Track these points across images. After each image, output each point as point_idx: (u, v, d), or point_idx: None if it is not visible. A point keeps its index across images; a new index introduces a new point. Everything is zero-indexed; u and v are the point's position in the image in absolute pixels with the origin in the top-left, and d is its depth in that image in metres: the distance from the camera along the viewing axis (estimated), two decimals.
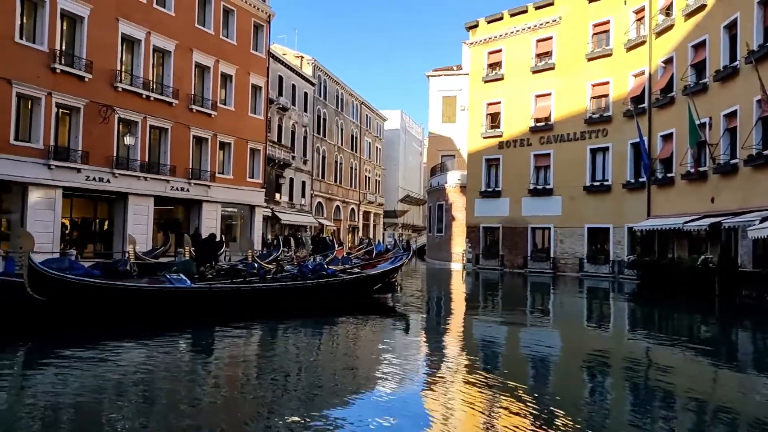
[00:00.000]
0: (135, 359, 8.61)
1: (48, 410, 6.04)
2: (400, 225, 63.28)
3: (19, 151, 18.26)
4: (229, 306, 12.29)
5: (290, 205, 37.85)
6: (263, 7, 29.57)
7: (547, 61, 30.64)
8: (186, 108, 24.76)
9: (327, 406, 6.35)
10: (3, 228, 19.16)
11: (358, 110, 52.16)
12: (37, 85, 18.76)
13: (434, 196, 40.39)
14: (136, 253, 17.46)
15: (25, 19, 18.82)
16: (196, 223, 25.40)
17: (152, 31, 23.11)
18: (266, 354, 9.60)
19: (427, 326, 13.34)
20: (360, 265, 19.06)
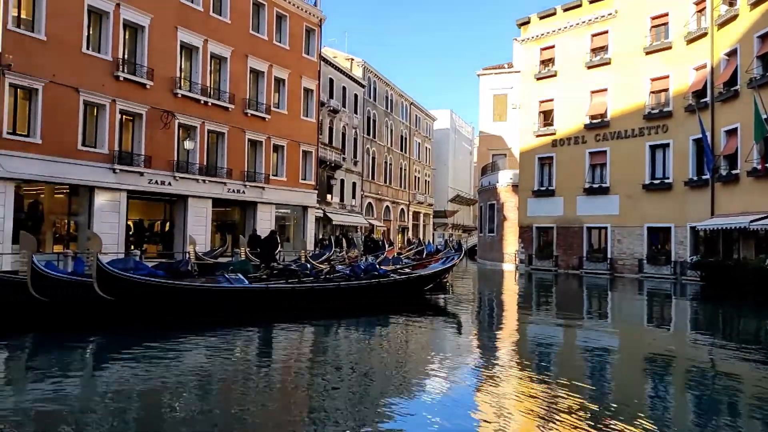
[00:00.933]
0: (195, 356, 8.94)
1: (113, 402, 6.36)
2: (450, 225, 62.90)
3: (86, 156, 19.23)
4: (285, 305, 12.56)
5: (341, 206, 38.28)
6: (314, 11, 30.05)
7: (603, 56, 29.81)
8: (241, 112, 25.46)
9: (378, 407, 6.40)
10: (72, 230, 20.23)
11: (408, 111, 52.21)
12: (103, 93, 19.71)
13: (485, 196, 39.96)
14: (196, 254, 18.12)
15: (91, 30, 19.80)
16: (252, 224, 26.06)
17: (209, 39, 23.88)
18: (319, 353, 9.77)
19: (479, 327, 13.24)
20: (411, 266, 19.10)
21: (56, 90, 18.20)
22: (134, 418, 5.90)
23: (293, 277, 13.91)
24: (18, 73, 17.14)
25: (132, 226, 22.32)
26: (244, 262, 16.04)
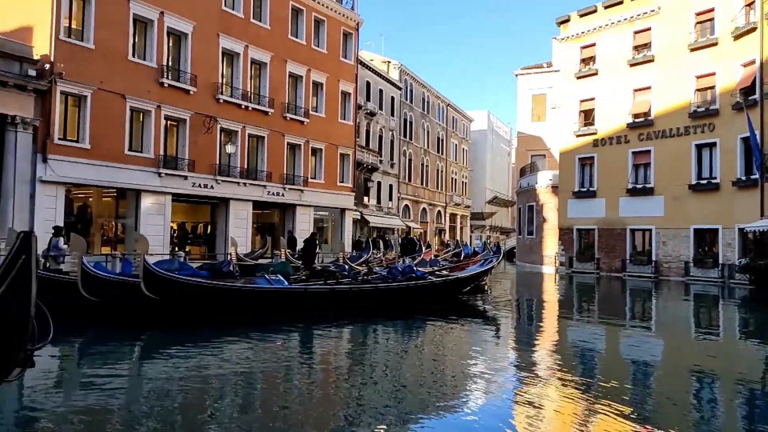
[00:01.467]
0: (237, 355, 9.14)
1: (158, 398, 6.57)
2: (488, 227, 62.31)
3: (132, 160, 19.88)
4: (323, 306, 12.70)
5: (378, 208, 38.42)
6: (352, 15, 30.29)
7: (646, 54, 29.08)
8: (281, 116, 25.87)
9: (416, 410, 6.41)
10: (119, 232, 20.94)
11: (444, 112, 52.02)
12: (148, 99, 20.35)
13: (524, 197, 39.46)
14: (238, 255, 18.49)
15: (137, 38, 20.47)
16: (291, 227, 26.44)
17: (250, 45, 24.36)
18: (357, 354, 9.84)
19: (518, 330, 13.09)
20: (448, 268, 19.03)
21: (104, 96, 18.88)
22: (177, 416, 6.08)
23: (331, 278, 14.06)
24: (68, 81, 17.86)
25: (176, 228, 22.94)
26: (284, 263, 16.29)
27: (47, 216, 17.38)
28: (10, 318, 2.71)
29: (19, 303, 2.72)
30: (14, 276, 2.69)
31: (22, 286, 2.72)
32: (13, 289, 2.69)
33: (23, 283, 2.72)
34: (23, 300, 2.71)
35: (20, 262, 2.69)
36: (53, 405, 5.82)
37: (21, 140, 16.98)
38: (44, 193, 17.38)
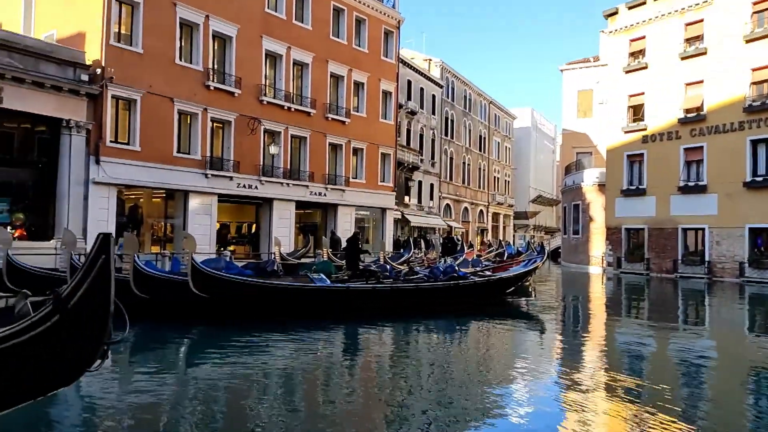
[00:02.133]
0: (280, 353, 9.24)
1: (204, 394, 6.68)
2: (532, 226, 61.29)
3: (180, 162, 20.40)
4: (365, 305, 12.71)
5: (419, 208, 38.30)
6: (393, 13, 30.27)
7: (698, 46, 27.98)
8: (322, 117, 26.07)
9: (459, 411, 6.30)
10: (168, 231, 21.54)
11: (487, 110, 51.43)
12: (195, 102, 20.83)
13: (569, 196, 38.60)
14: (282, 254, 18.74)
15: (183, 42, 20.98)
16: (333, 226, 26.64)
17: (292, 46, 24.64)
18: (399, 354, 9.79)
19: (564, 332, 12.78)
20: (491, 268, 18.78)
21: (153, 100, 19.43)
22: (222, 413, 6.17)
23: (373, 277, 14.06)
24: (119, 85, 18.46)
25: (221, 228, 23.44)
26: (326, 262, 16.42)
27: (100, 216, 18.02)
28: (94, 314, 2.98)
29: (100, 300, 2.99)
30: (95, 275, 2.95)
31: (103, 285, 2.98)
32: (95, 288, 2.95)
33: (103, 282, 2.98)
34: (104, 297, 2.97)
35: (100, 262, 2.95)
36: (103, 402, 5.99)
37: (75, 143, 17.64)
38: (97, 194, 18.02)
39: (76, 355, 3.17)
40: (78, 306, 3.01)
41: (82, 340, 3.10)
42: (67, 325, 3.01)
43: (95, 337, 3.10)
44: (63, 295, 2.99)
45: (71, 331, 3.02)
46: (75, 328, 3.02)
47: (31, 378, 3.19)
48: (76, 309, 3.00)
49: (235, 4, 22.31)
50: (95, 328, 3.07)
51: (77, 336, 3.06)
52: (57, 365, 3.19)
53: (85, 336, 3.08)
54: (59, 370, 3.24)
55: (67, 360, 3.19)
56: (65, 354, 3.14)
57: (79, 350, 3.16)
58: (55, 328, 3.00)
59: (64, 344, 3.08)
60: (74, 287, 3.05)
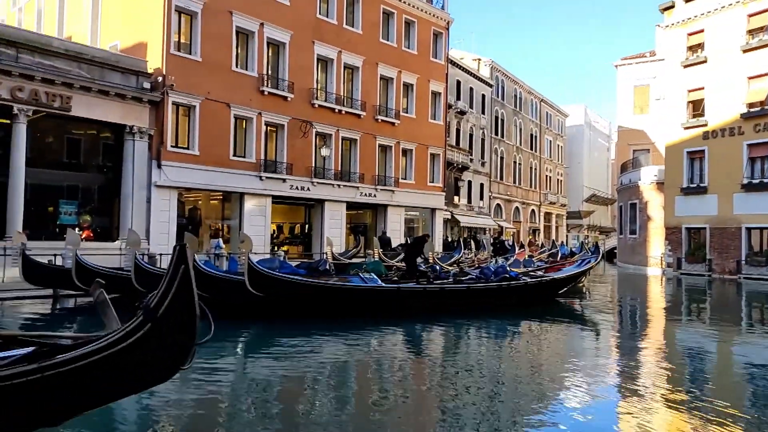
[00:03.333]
0: (332, 350, 9.46)
1: (260, 389, 6.95)
2: (586, 226, 59.79)
3: (236, 165, 21.09)
4: (415, 305, 12.80)
5: (469, 208, 38.07)
6: (442, 14, 30.26)
7: (762, 38, 26.65)
8: (372, 118, 26.37)
9: (511, 414, 6.29)
10: (225, 232, 22.30)
11: (538, 108, 50.57)
12: (250, 107, 21.50)
13: (625, 195, 37.49)
14: (333, 254, 19.08)
15: (239, 50, 21.68)
16: (383, 227, 26.88)
17: (343, 50, 25.05)
18: (450, 354, 9.83)
19: (620, 335, 12.50)
20: (543, 268, 18.52)
21: (210, 106, 20.19)
22: (276, 410, 6.40)
23: (423, 278, 14.13)
24: (179, 92, 19.27)
25: (275, 229, 24.06)
26: (377, 262, 16.59)
27: (162, 218, 18.87)
28: (181, 320, 3.37)
29: (185, 307, 3.35)
30: (178, 285, 3.30)
31: (186, 292, 3.34)
32: (179, 296, 3.32)
33: (186, 290, 3.34)
34: (189, 304, 3.33)
35: (181, 272, 3.30)
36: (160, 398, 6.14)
37: (138, 148, 18.55)
38: (159, 196, 18.88)
39: (169, 356, 3.56)
40: (166, 314, 3.35)
41: (173, 343, 3.46)
42: (158, 332, 3.36)
43: (185, 339, 3.46)
44: (151, 305, 3.34)
45: (162, 336, 3.38)
46: (165, 334, 3.38)
47: (131, 378, 3.63)
48: (164, 317, 3.35)
49: (289, 11, 22.88)
50: (184, 332, 3.43)
51: (168, 340, 3.42)
52: (153, 366, 3.60)
53: (175, 340, 3.44)
54: (155, 370, 3.66)
55: (161, 361, 3.59)
56: (159, 356, 3.53)
57: (171, 352, 3.54)
58: (147, 335, 3.37)
59: (158, 348, 3.45)
60: (161, 297, 3.38)
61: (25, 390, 3.56)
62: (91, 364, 3.47)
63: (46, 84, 16.28)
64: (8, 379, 3.49)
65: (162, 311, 3.38)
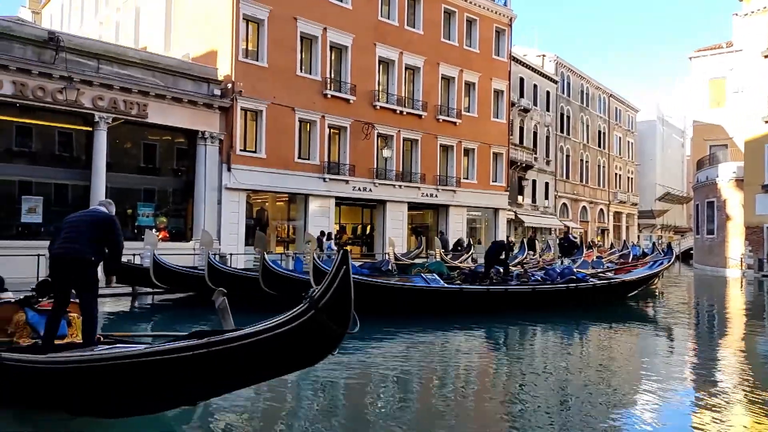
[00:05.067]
0: (394, 350, 9.52)
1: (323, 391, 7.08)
2: (659, 226, 57.19)
3: (301, 167, 21.62)
4: (478, 306, 12.69)
5: (533, 207, 37.29)
6: (505, 11, 29.81)
7: None
8: (433, 118, 26.33)
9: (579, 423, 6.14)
10: (291, 233, 22.90)
11: (606, 104, 48.85)
12: (314, 110, 21.98)
13: (702, 193, 35.61)
14: (395, 254, 19.22)
15: (303, 54, 22.21)
16: (444, 227, 26.79)
17: (404, 51, 25.16)
18: (514, 357, 9.68)
19: (696, 341, 11.90)
20: (613, 270, 17.91)
21: (276, 110, 20.79)
22: (340, 410, 6.53)
23: (486, 279, 13.99)
24: (247, 97, 19.96)
25: (338, 229, 24.47)
26: (439, 263, 16.58)
27: (232, 219, 19.63)
28: (338, 311, 3.93)
29: (342, 301, 3.93)
30: (339, 281, 3.87)
31: (345, 289, 3.90)
32: (339, 291, 3.88)
33: (345, 287, 3.90)
34: (346, 298, 3.92)
35: (342, 271, 3.88)
36: None
37: (209, 152, 19.36)
38: (229, 198, 19.63)
39: (323, 342, 4.16)
40: (326, 305, 3.90)
41: (329, 331, 4.02)
42: (318, 320, 3.92)
43: (339, 329, 4.00)
44: (315, 296, 3.91)
45: (321, 324, 3.94)
46: (324, 322, 3.93)
47: (286, 359, 4.32)
48: (325, 307, 3.89)
49: (351, 14, 23.22)
50: (339, 321, 3.96)
51: (325, 328, 3.97)
52: (307, 350, 4.23)
53: (331, 328, 3.99)
54: (309, 354, 4.30)
55: (315, 346, 4.20)
56: (315, 341, 4.12)
57: (325, 339, 4.11)
58: (308, 322, 3.94)
59: (315, 334, 4.03)
60: (323, 290, 3.93)
61: (188, 366, 4.15)
62: (255, 343, 4.02)
63: (124, 93, 17.26)
64: (177, 352, 4.14)
65: (323, 302, 3.89)
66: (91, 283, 5.49)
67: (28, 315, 5.81)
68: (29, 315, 5.82)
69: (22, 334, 5.71)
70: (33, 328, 5.75)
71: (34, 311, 5.86)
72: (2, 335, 5.72)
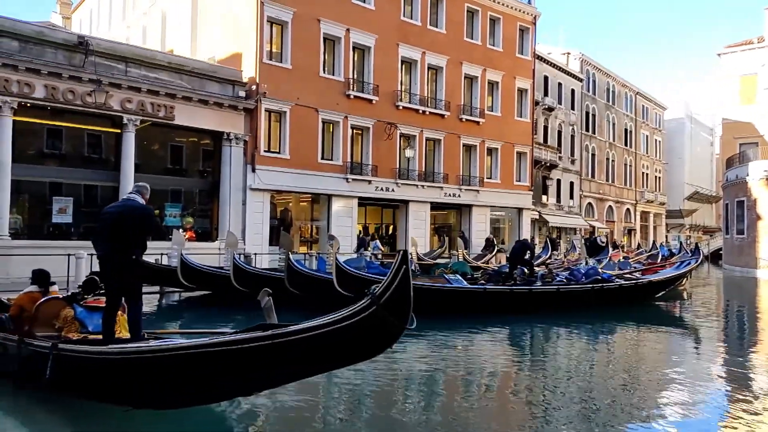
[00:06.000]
0: (416, 351, 9.53)
1: (349, 391, 7.13)
2: (687, 226, 56.07)
3: (324, 168, 21.75)
4: (501, 307, 12.62)
5: (558, 207, 36.89)
6: (529, 9, 29.55)
7: None
8: (456, 118, 26.23)
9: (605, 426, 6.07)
10: (314, 233, 23.07)
11: (633, 101, 48.06)
12: (337, 111, 22.10)
13: (732, 192, 34.81)
14: (418, 255, 19.23)
15: (326, 56, 22.33)
16: (467, 227, 26.68)
17: (427, 51, 25.12)
18: (538, 358, 9.63)
19: (725, 344, 11.65)
20: (639, 270, 17.65)
21: (300, 111, 20.95)
22: (364, 411, 6.56)
23: (509, 279, 13.92)
24: (271, 99, 20.16)
25: (361, 230, 24.57)
26: (462, 263, 16.55)
27: (256, 219, 19.85)
28: (398, 308, 4.19)
29: (402, 298, 4.18)
30: (399, 280, 4.14)
31: (404, 287, 4.17)
32: (399, 289, 4.15)
33: (405, 285, 4.17)
34: (405, 296, 4.18)
35: (402, 270, 4.15)
36: None
37: (234, 153, 19.60)
38: (253, 199, 19.85)
39: (383, 336, 4.42)
40: (387, 301, 4.14)
41: (389, 326, 4.27)
42: (380, 315, 4.16)
43: (399, 324, 4.25)
44: (377, 293, 4.15)
45: (382, 319, 4.19)
46: (384, 317, 4.18)
47: (347, 352, 4.58)
48: (386, 303, 4.14)
49: (374, 15, 23.28)
50: (399, 317, 4.21)
51: (386, 323, 4.23)
52: (368, 343, 4.50)
53: (392, 323, 4.24)
54: (369, 347, 4.58)
55: (376, 340, 4.47)
56: (375, 335, 4.38)
57: (385, 333, 4.38)
58: (371, 316, 4.18)
59: (376, 328, 4.28)
60: (385, 288, 4.17)
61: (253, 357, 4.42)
62: (318, 336, 4.28)
63: (152, 95, 17.57)
64: (243, 343, 4.39)
65: (385, 298, 4.13)
66: (134, 281, 5.72)
67: (76, 311, 6.07)
68: (77, 311, 6.08)
69: (70, 329, 5.95)
70: (81, 323, 6.02)
71: (82, 307, 6.12)
72: (50, 329, 5.98)
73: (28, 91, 15.35)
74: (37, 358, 5.39)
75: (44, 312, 6.00)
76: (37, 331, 5.85)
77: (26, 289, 6.43)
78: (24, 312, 6.03)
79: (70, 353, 5.22)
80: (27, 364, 5.60)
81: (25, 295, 6.27)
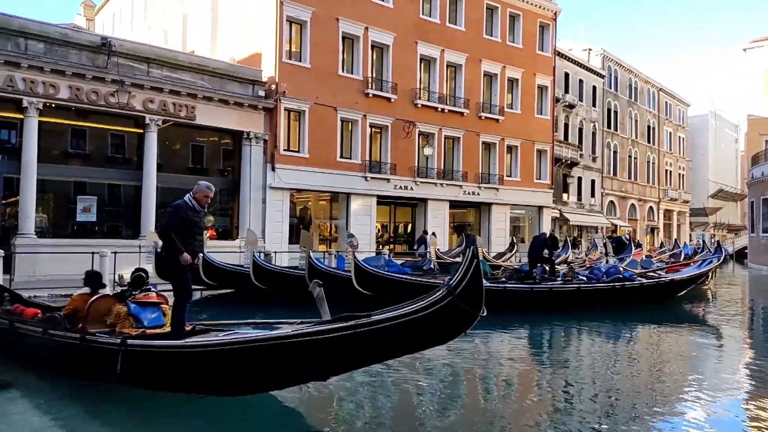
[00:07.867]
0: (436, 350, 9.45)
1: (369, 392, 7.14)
2: (712, 224, 55.08)
3: (343, 166, 21.81)
4: (522, 306, 12.54)
5: (579, 205, 36.50)
6: (549, 5, 29.26)
7: None
8: (475, 116, 26.09)
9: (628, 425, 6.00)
10: (333, 231, 23.15)
11: (656, 98, 47.31)
12: (356, 110, 22.14)
13: (758, 189, 34.10)
14: (437, 253, 19.19)
15: (345, 55, 22.38)
16: (487, 226, 26.55)
17: (446, 49, 25.02)
18: (558, 357, 9.56)
19: (749, 344, 11.43)
20: (662, 269, 17.39)
21: (319, 110, 21.04)
22: (385, 410, 6.57)
23: (529, 278, 13.81)
24: (290, 98, 20.28)
25: (380, 228, 24.60)
26: (482, 262, 16.42)
27: (276, 218, 20.00)
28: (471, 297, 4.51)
29: (475, 288, 4.51)
30: (471, 272, 4.47)
31: (476, 278, 4.49)
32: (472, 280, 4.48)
33: (477, 276, 4.49)
34: (478, 286, 4.51)
35: (474, 263, 4.47)
36: None
37: (254, 152, 19.76)
38: (273, 198, 20.00)
39: (458, 322, 4.73)
40: (462, 291, 4.49)
41: (463, 313, 4.60)
42: (455, 303, 4.51)
43: (472, 311, 4.57)
44: (452, 284, 4.50)
45: (457, 307, 4.53)
46: (459, 306, 4.52)
47: (424, 337, 4.92)
48: (461, 293, 4.48)
49: (392, 13, 23.27)
50: (473, 305, 4.54)
51: (460, 310, 4.56)
52: (444, 329, 4.84)
53: (466, 311, 4.57)
54: (445, 332, 4.92)
55: (451, 326, 4.80)
56: (451, 321, 4.70)
57: (460, 320, 4.69)
58: (447, 305, 4.52)
59: (451, 315, 4.60)
60: (459, 279, 4.51)
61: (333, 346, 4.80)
62: (397, 325, 4.64)
63: (174, 95, 17.78)
64: (328, 333, 4.77)
65: (460, 289, 4.49)
66: (173, 276, 6.06)
67: (130, 307, 6.24)
68: (131, 307, 6.25)
69: (124, 325, 6.14)
70: (136, 319, 6.19)
71: (135, 303, 6.30)
72: (101, 325, 6.19)
73: (53, 92, 15.65)
74: (103, 354, 5.65)
75: (95, 309, 6.21)
76: (89, 328, 6.05)
77: (79, 291, 6.74)
78: (78, 312, 6.30)
79: (146, 348, 5.55)
80: (91, 360, 5.87)
81: (79, 296, 6.57)
